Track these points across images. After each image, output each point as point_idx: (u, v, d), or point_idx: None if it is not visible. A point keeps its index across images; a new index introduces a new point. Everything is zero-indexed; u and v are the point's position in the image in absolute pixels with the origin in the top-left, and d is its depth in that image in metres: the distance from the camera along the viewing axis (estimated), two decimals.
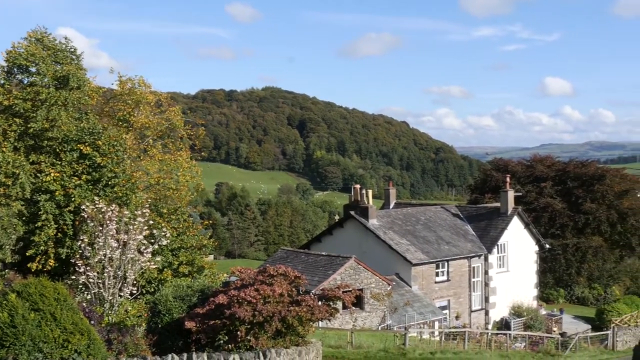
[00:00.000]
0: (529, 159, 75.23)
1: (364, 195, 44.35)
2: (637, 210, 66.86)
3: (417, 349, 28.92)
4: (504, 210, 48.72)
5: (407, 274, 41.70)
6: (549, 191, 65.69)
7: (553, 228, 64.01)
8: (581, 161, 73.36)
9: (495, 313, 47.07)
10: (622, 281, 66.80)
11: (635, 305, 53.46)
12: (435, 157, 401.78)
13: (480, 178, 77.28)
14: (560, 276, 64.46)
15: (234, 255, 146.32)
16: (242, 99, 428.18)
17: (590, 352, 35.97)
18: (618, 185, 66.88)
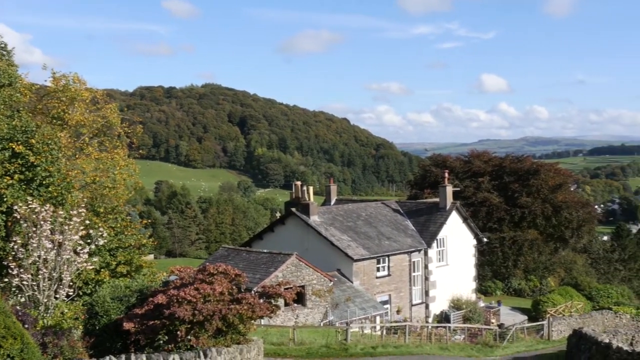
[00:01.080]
0: (467, 155, 76.45)
1: (305, 192, 44.39)
2: (570, 203, 68.61)
3: (359, 343, 29.10)
4: (443, 205, 49.39)
5: (348, 270, 41.91)
6: (487, 186, 66.83)
7: (490, 222, 65.19)
8: (517, 156, 74.94)
9: (436, 306, 47.71)
10: (557, 272, 68.43)
11: (570, 295, 54.91)
12: (376, 153, 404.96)
13: (419, 174, 78.19)
14: (498, 269, 65.71)
15: (174, 254, 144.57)
16: (181, 96, 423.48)
17: (527, 343, 36.76)
18: (552, 180, 68.46)
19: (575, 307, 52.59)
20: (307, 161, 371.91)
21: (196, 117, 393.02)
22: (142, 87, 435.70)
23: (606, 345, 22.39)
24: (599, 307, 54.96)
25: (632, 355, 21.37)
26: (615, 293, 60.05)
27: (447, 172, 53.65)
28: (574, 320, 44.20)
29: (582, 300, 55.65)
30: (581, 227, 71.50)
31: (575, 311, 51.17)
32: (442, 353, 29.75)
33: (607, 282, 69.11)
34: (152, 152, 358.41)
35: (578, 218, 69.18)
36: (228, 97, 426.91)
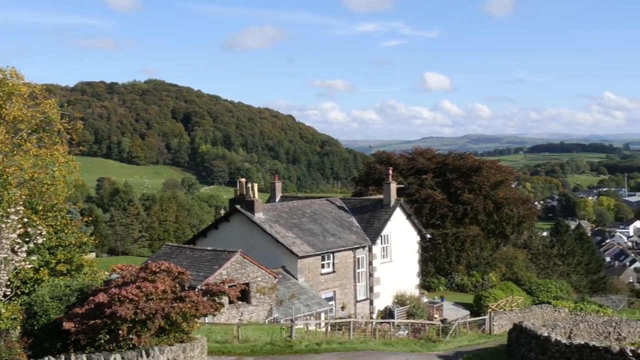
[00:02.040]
0: (411, 152, 77.21)
1: (249, 189, 44.15)
2: (511, 200, 69.92)
3: (304, 340, 29.10)
4: (387, 202, 49.77)
5: (293, 267, 41.88)
6: (430, 183, 67.63)
7: (434, 218, 65.97)
8: (460, 154, 75.99)
9: (380, 302, 48.06)
10: (499, 268, 69.74)
11: (510, 290, 55.97)
12: (321, 150, 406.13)
13: (364, 171, 78.66)
14: (441, 265, 66.57)
15: (117, 252, 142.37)
16: (123, 92, 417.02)
17: (469, 337, 37.30)
18: (494, 177, 69.65)
19: (516, 301, 53.63)
20: (252, 158, 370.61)
21: (139, 113, 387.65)
22: (83, 82, 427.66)
23: (545, 338, 22.89)
24: (538, 301, 56.18)
25: (569, 348, 21.90)
26: (555, 287, 61.48)
27: (391, 169, 54.08)
28: (514, 314, 45.10)
29: (523, 295, 56.80)
30: (521, 223, 72.94)
31: (515, 306, 52.18)
32: (386, 348, 29.96)
33: (547, 277, 70.80)
34: (94, 148, 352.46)
35: (518, 214, 70.53)
36: (172, 93, 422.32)
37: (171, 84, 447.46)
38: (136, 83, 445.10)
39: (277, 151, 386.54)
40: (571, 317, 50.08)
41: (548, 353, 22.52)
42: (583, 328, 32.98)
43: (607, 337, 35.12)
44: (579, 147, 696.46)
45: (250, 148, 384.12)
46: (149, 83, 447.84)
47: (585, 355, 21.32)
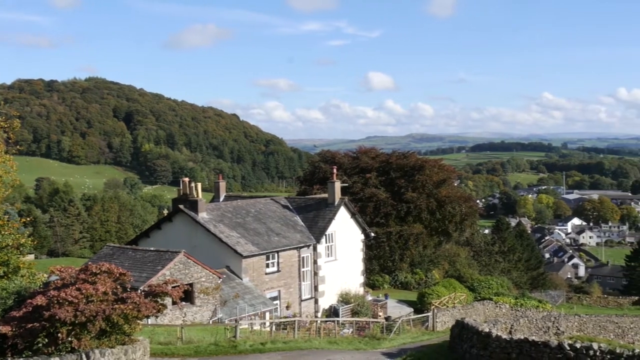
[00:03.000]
0: (355, 151, 77.49)
1: (193, 189, 43.71)
2: (453, 198, 70.79)
3: (248, 340, 28.98)
4: (332, 200, 49.90)
5: (237, 267, 41.64)
6: (374, 181, 68.00)
7: (378, 217, 66.36)
8: (403, 153, 76.57)
9: (325, 301, 48.17)
10: (442, 265, 70.54)
11: (453, 287, 56.77)
12: (266, 149, 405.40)
13: (309, 170, 78.63)
14: (385, 263, 66.99)
15: (57, 253, 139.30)
16: (63, 90, 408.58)
17: (413, 334, 37.70)
18: (436, 175, 70.40)
19: (459, 298, 54.44)
20: (196, 157, 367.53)
21: (79, 112, 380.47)
22: (21, 79, 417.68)
23: (486, 334, 23.27)
24: (480, 297, 57.13)
25: (510, 343, 22.33)
26: (496, 284, 62.62)
27: (335, 168, 54.21)
28: (457, 311, 45.76)
29: (465, 292, 57.68)
30: (464, 221, 73.98)
31: (458, 302, 52.96)
32: (331, 347, 30.05)
33: (488, 274, 71.94)
34: (32, 147, 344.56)
35: (461, 212, 71.45)
36: (113, 92, 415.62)
37: (113, 82, 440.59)
38: (77, 81, 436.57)
39: (221, 150, 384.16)
40: (512, 313, 51.09)
41: (489, 348, 22.92)
42: (523, 323, 33.66)
43: (547, 331, 35.93)
44: (519, 146, 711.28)
45: (194, 147, 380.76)
46: (89, 81, 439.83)
47: (525, 350, 21.78)
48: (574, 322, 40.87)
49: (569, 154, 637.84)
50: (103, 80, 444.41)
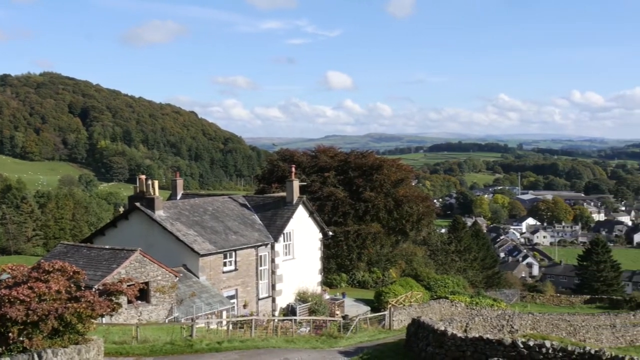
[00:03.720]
0: (314, 150, 77.50)
1: (150, 186, 43.24)
2: (411, 197, 71.29)
3: (205, 339, 28.76)
4: (290, 199, 49.85)
5: (194, 265, 41.33)
6: (332, 180, 68.10)
7: (336, 216, 66.49)
8: (362, 152, 76.84)
9: (282, 300, 48.11)
10: (399, 264, 70.98)
11: (410, 286, 57.19)
12: (224, 147, 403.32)
13: (267, 168, 78.40)
14: (343, 262, 67.18)
15: (9, 251, 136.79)
16: (17, 84, 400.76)
17: (370, 333, 37.83)
18: (394, 175, 70.81)
19: (415, 297, 54.85)
20: (153, 155, 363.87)
21: (33, 107, 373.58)
22: None
23: (442, 332, 23.49)
24: (437, 296, 57.70)
25: (465, 341, 22.57)
26: (452, 283, 63.30)
27: (294, 167, 54.16)
28: (413, 309, 46.14)
29: (422, 291, 58.16)
30: (421, 221, 74.53)
31: (415, 301, 53.36)
32: (288, 346, 30.00)
33: (445, 273, 72.69)
34: None
35: (418, 212, 71.98)
36: (69, 87, 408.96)
37: (68, 77, 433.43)
38: (31, 75, 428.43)
39: (179, 148, 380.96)
40: (467, 312, 51.74)
41: (445, 347, 23.13)
42: (478, 322, 34.09)
43: (501, 329, 36.45)
44: (476, 147, 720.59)
45: (152, 144, 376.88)
46: (44, 76, 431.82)
47: (479, 348, 22.03)
48: (527, 320, 41.53)
49: (524, 155, 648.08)
50: (58, 75, 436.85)
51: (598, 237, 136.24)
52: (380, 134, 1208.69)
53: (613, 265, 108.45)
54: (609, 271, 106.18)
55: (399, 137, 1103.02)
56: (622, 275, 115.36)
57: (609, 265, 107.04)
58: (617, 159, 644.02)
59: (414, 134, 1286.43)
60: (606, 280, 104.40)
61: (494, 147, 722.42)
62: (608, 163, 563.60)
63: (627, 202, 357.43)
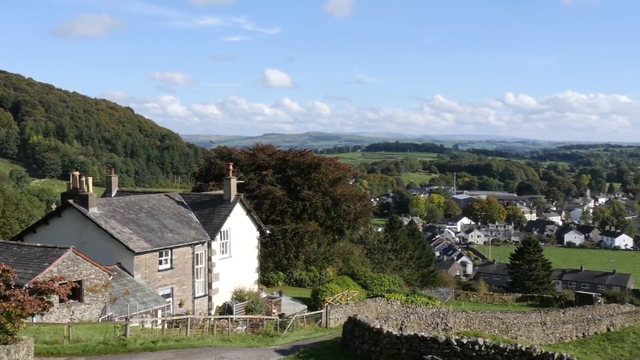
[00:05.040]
0: (252, 148, 77.26)
1: (83, 183, 42.37)
2: (348, 196, 71.75)
3: (139, 338, 28.37)
4: (227, 197, 49.55)
5: (129, 264, 40.69)
6: (270, 179, 67.97)
7: (273, 214, 66.40)
8: (300, 150, 76.97)
9: (219, 298, 47.79)
10: (336, 263, 71.37)
11: (347, 284, 57.55)
12: (161, 144, 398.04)
13: (204, 166, 77.77)
14: (280, 260, 67.16)
15: None
16: None
17: (306, 331, 37.96)
18: (332, 174, 71.11)
19: (352, 295, 55.21)
20: (88, 151, 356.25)
21: None
22: None
23: (377, 330, 23.72)
24: (373, 295, 58.19)
25: (400, 339, 22.85)
26: (388, 281, 63.94)
27: (231, 165, 53.81)
28: (350, 308, 46.40)
29: (358, 289, 58.58)
30: (358, 219, 75.08)
31: (351, 299, 53.71)
32: (224, 344, 29.86)
33: (381, 271, 73.45)
34: None
35: (355, 210, 72.49)
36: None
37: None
38: None
39: (114, 144, 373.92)
40: (403, 310, 52.35)
41: (380, 344, 23.37)
42: (413, 320, 34.55)
43: (435, 327, 37.03)
44: (412, 147, 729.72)
45: (86, 140, 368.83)
46: None
47: (414, 345, 22.35)
48: (461, 318, 42.31)
49: (460, 155, 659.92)
50: None
51: (530, 237, 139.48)
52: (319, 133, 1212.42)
53: (544, 264, 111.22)
54: (540, 270, 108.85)
55: (337, 137, 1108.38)
56: (552, 274, 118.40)
57: (540, 264, 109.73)
58: (548, 160, 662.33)
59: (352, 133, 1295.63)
60: (537, 278, 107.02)
61: (431, 147, 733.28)
62: (540, 164, 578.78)
63: (558, 202, 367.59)
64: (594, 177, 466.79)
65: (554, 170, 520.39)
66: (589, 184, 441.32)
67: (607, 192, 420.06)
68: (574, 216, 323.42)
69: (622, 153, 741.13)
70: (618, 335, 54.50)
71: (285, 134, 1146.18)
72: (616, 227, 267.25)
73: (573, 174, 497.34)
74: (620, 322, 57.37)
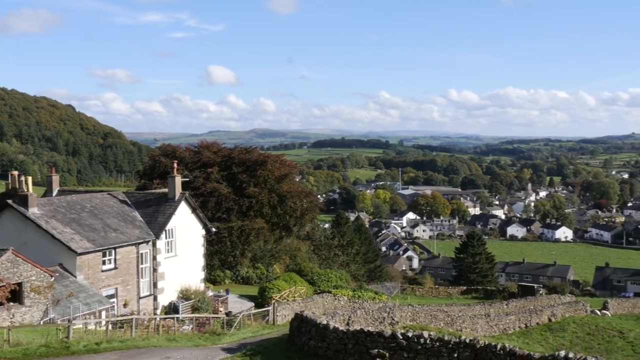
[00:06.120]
0: (197, 145, 76.61)
1: (23, 183, 41.37)
2: (295, 193, 71.74)
3: (82, 340, 27.84)
4: (172, 195, 48.98)
5: (72, 264, 39.89)
6: (216, 176, 67.50)
7: (219, 212, 65.99)
8: (245, 148, 76.62)
9: (164, 298, 47.23)
10: (283, 259, 71.36)
11: (294, 281, 57.60)
12: (104, 142, 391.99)
13: (149, 164, 76.79)
14: (226, 258, 66.82)
15: None
16: None
17: (253, 329, 37.85)
18: (278, 170, 71.01)
19: (299, 292, 55.29)
20: (28, 150, 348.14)
21: None
22: None
23: (324, 326, 23.79)
24: (320, 291, 58.36)
25: (346, 334, 22.95)
26: (335, 277, 64.22)
27: (176, 163, 53.22)
28: (297, 304, 46.45)
29: (305, 285, 58.70)
30: (304, 216, 75.14)
31: (298, 296, 53.77)
32: (170, 344, 29.53)
33: (328, 267, 73.68)
34: None
35: (302, 207, 72.52)
36: None
37: None
38: None
39: (55, 142, 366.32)
40: (350, 305, 52.60)
41: (327, 340, 23.45)
42: (360, 315, 34.78)
43: (382, 322, 37.34)
44: (358, 143, 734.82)
45: (25, 139, 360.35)
46: None
47: (361, 340, 22.48)
48: (407, 312, 42.78)
49: (405, 151, 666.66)
50: None
51: (474, 231, 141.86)
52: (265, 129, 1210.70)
53: (488, 257, 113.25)
54: (484, 263, 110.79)
55: (283, 133, 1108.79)
56: (496, 267, 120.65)
57: (484, 258, 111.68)
58: (491, 155, 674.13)
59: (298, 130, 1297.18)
60: (481, 271, 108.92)
61: (376, 143, 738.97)
62: (483, 159, 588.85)
63: (500, 196, 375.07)
64: (535, 171, 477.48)
65: (497, 164, 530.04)
66: (530, 178, 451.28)
67: (548, 186, 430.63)
68: (516, 210, 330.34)
69: (561, 147, 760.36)
70: (559, 325, 55.85)
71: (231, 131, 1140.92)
72: (556, 220, 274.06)
73: (515, 168, 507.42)
74: (560, 313, 58.78)
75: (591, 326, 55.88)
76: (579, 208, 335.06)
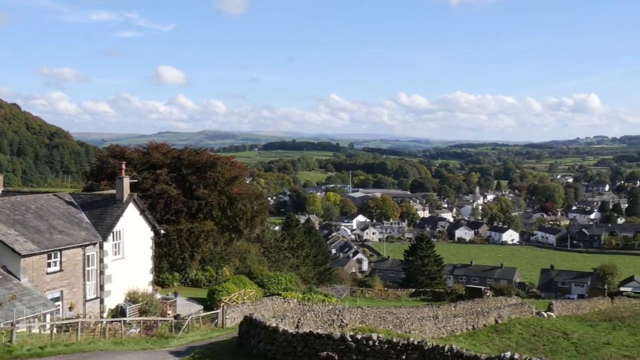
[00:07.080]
0: (146, 146, 75.62)
1: None
2: (245, 195, 71.34)
3: (26, 344, 27.30)
4: (120, 197, 48.32)
5: (15, 267, 39.02)
6: (165, 178, 66.74)
7: (168, 214, 65.25)
8: (195, 149, 75.98)
9: (111, 301, 46.52)
10: (232, 262, 70.99)
11: (243, 284, 57.37)
12: (50, 142, 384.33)
13: (96, 165, 75.53)
14: (175, 260, 66.15)
15: None
16: None
17: (202, 332, 37.57)
18: (228, 172, 70.54)
19: (248, 294, 55.08)
20: None
21: None
22: None
23: (274, 329, 23.75)
24: (270, 293, 58.25)
25: (296, 337, 22.96)
26: (285, 280, 64.19)
27: (124, 164, 52.48)
28: (246, 307, 46.27)
29: (255, 288, 58.52)
30: (255, 218, 74.74)
31: (248, 298, 53.56)
32: (116, 348, 29.13)
33: (278, 270, 73.59)
34: None
35: (252, 209, 72.13)
36: None
37: None
38: None
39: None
40: (299, 308, 52.63)
41: (276, 343, 23.41)
42: (310, 317, 34.76)
43: (332, 324, 37.41)
44: (309, 145, 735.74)
45: None
46: None
47: (310, 342, 22.51)
48: (357, 314, 42.95)
49: (355, 154, 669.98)
50: None
51: (423, 233, 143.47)
52: (215, 131, 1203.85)
53: (436, 259, 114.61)
54: (432, 265, 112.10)
55: (233, 135, 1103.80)
56: (444, 269, 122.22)
57: (432, 260, 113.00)
58: (440, 158, 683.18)
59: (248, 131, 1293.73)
60: (430, 274, 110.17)
61: (327, 146, 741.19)
62: (432, 162, 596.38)
63: (449, 199, 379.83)
64: (483, 175, 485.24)
65: (445, 168, 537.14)
66: (478, 182, 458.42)
67: (495, 189, 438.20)
68: (464, 213, 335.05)
69: (508, 152, 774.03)
70: (505, 327, 56.82)
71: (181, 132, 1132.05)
72: (503, 223, 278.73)
73: (463, 172, 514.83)
74: (507, 314, 59.80)
75: (536, 327, 56.99)
76: (525, 211, 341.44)
